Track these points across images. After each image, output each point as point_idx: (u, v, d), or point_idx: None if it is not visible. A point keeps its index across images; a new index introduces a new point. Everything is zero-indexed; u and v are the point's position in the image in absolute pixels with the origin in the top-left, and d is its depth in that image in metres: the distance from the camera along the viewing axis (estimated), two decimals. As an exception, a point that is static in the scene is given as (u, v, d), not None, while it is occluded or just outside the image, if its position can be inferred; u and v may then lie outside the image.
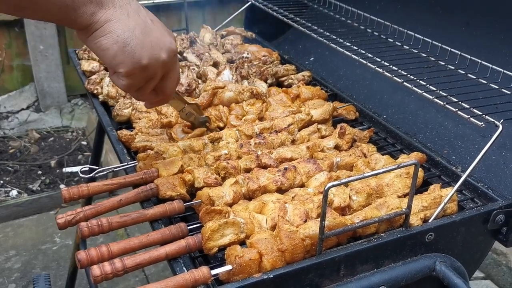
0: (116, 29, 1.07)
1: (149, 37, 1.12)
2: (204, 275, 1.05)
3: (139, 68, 1.13)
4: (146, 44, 1.11)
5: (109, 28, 1.07)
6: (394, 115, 1.84)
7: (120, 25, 1.07)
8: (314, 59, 2.37)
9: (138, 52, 1.10)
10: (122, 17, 1.07)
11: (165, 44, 1.16)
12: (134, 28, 1.09)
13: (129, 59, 1.10)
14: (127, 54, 1.09)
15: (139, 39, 1.09)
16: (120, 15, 1.07)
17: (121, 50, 1.09)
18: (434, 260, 1.22)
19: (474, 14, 1.85)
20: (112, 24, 1.06)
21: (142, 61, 1.12)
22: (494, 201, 1.34)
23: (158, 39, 1.14)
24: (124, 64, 1.11)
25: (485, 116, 1.34)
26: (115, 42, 1.08)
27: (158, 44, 1.14)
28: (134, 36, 1.09)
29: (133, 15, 1.09)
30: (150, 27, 1.13)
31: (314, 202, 1.26)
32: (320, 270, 1.13)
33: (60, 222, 1.22)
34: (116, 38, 1.07)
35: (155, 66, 1.15)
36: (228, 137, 1.57)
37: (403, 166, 1.15)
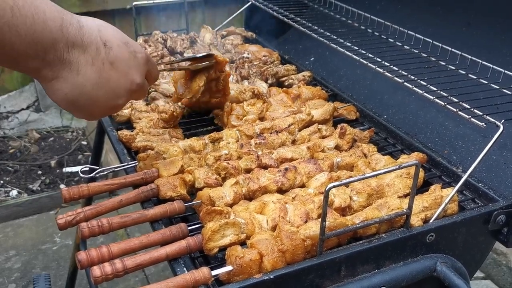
0: (63, 88, 1.01)
1: (103, 89, 1.06)
2: (204, 275, 1.05)
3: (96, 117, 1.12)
4: (99, 98, 1.07)
5: (56, 86, 1.01)
6: (395, 115, 1.84)
7: (67, 83, 1.01)
8: (315, 59, 2.37)
9: (89, 109, 1.07)
10: (70, 76, 1.00)
11: (123, 90, 1.11)
12: (84, 85, 1.03)
13: (81, 114, 1.09)
14: (79, 110, 1.08)
15: (89, 96, 1.05)
16: (68, 73, 1.00)
17: (72, 106, 1.06)
18: (435, 260, 1.22)
19: (475, 14, 1.85)
20: (59, 82, 1.00)
21: (95, 114, 1.11)
22: (495, 201, 1.33)
23: (114, 89, 1.09)
24: (81, 116, 1.10)
25: (486, 116, 1.34)
26: (64, 100, 1.04)
27: (114, 93, 1.09)
28: (83, 94, 1.03)
29: (84, 70, 1.02)
30: (105, 76, 1.06)
31: (315, 203, 1.26)
32: (320, 270, 1.13)
33: (60, 223, 1.21)
34: (64, 96, 1.03)
35: (113, 110, 1.14)
36: (228, 137, 1.57)
37: (404, 166, 1.15)
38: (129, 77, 1.11)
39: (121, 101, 1.12)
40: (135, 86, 1.13)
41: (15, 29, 0.88)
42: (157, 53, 2.17)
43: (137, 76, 1.13)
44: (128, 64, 1.11)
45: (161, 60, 2.15)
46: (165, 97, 1.88)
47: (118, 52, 1.08)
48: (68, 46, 0.98)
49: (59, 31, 0.96)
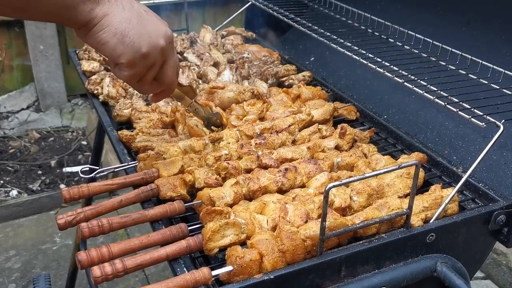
0: (113, 22, 1.10)
1: (146, 26, 1.15)
2: (204, 275, 1.05)
3: (140, 57, 1.16)
4: (144, 33, 1.14)
5: (106, 22, 1.10)
6: (395, 115, 1.84)
7: (116, 18, 1.10)
8: (315, 59, 2.36)
9: (137, 42, 1.13)
10: (118, 10, 1.11)
11: (162, 32, 1.19)
12: (130, 19, 1.12)
13: (129, 49, 1.13)
14: (126, 45, 1.13)
15: (136, 29, 1.13)
16: (116, 9, 1.10)
17: (120, 42, 1.12)
18: (435, 260, 1.22)
19: (475, 14, 1.85)
20: (109, 18, 1.09)
21: (142, 50, 1.15)
22: (495, 201, 1.33)
23: (155, 28, 1.18)
24: (125, 55, 1.14)
25: (486, 116, 1.34)
26: (114, 35, 1.11)
27: (155, 32, 1.17)
28: (131, 27, 1.12)
29: (128, 7, 1.12)
30: (145, 17, 1.16)
31: (315, 203, 1.26)
32: (321, 271, 1.13)
33: (60, 223, 1.21)
34: (114, 30, 1.10)
35: (154, 53, 1.18)
36: (228, 138, 1.57)
37: (404, 166, 1.15)
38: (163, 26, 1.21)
39: (162, 42, 1.19)
40: (170, 33, 1.22)
41: None
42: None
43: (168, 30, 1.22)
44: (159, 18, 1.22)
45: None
46: (165, 97, 1.88)
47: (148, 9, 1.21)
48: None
49: None
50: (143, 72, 1.21)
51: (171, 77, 1.30)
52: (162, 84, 1.30)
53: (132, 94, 1.90)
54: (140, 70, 1.20)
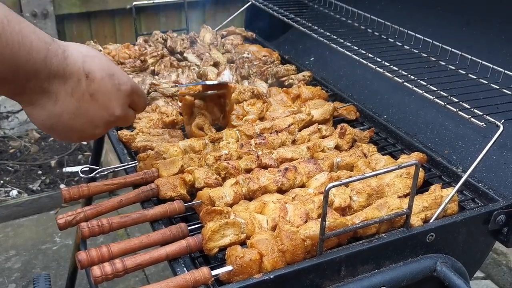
0: (40, 115, 1.03)
1: (80, 120, 1.08)
2: (204, 275, 1.05)
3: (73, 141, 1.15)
4: (76, 127, 1.08)
5: (33, 112, 1.03)
6: (395, 115, 1.84)
7: (44, 112, 1.03)
8: (315, 59, 2.36)
9: (66, 134, 1.10)
10: (48, 104, 1.02)
11: (101, 121, 1.12)
12: (61, 115, 1.04)
13: (59, 137, 1.12)
14: (56, 135, 1.10)
15: (66, 124, 1.06)
16: (46, 102, 1.02)
17: (49, 131, 1.08)
18: (435, 260, 1.22)
19: (475, 14, 1.85)
20: (37, 110, 1.02)
21: (72, 139, 1.13)
22: (495, 201, 1.33)
23: (92, 120, 1.10)
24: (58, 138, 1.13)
25: (485, 116, 1.34)
26: (41, 125, 1.06)
27: (92, 124, 1.11)
28: (60, 122, 1.06)
29: (62, 99, 1.03)
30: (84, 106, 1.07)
31: (315, 203, 1.26)
32: (320, 270, 1.13)
33: (60, 223, 1.22)
34: (41, 122, 1.05)
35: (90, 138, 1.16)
36: (228, 137, 1.57)
37: (404, 166, 1.15)
38: (109, 109, 1.12)
39: (99, 131, 1.14)
40: (113, 118, 1.14)
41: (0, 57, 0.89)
42: (157, 53, 2.17)
43: (117, 109, 1.14)
44: (109, 97, 1.11)
45: (161, 60, 2.15)
46: (165, 97, 1.88)
47: (100, 84, 1.08)
48: (49, 77, 0.99)
49: (42, 62, 0.96)
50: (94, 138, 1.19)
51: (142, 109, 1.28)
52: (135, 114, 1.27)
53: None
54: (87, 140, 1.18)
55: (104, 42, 2.29)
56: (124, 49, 2.18)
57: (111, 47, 2.22)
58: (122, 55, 2.15)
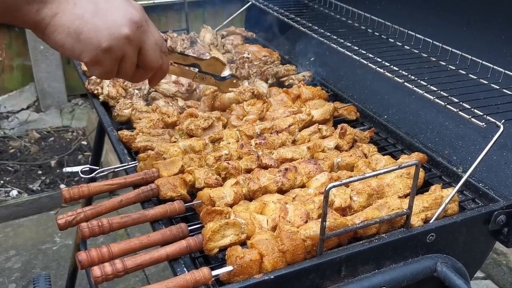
0: (64, 21, 1.02)
1: (103, 18, 1.05)
2: (204, 275, 1.05)
3: (102, 52, 1.06)
4: (101, 26, 1.05)
5: (57, 22, 1.02)
6: (395, 116, 1.84)
7: (67, 16, 1.02)
8: (315, 59, 2.36)
9: (94, 37, 1.04)
10: (68, 8, 1.03)
11: (124, 19, 1.08)
12: (83, 15, 1.03)
13: (88, 47, 1.05)
14: (83, 42, 1.04)
15: (91, 23, 1.04)
16: (66, 6, 1.03)
17: (76, 40, 1.04)
18: (435, 260, 1.22)
19: (475, 14, 1.85)
20: (59, 17, 1.02)
21: (102, 44, 1.05)
22: (495, 201, 1.33)
23: (115, 17, 1.07)
24: (85, 53, 1.06)
25: (486, 116, 1.34)
26: (68, 34, 1.03)
27: (116, 21, 1.07)
28: (84, 23, 1.03)
29: (79, 2, 1.04)
30: (102, 7, 1.06)
31: (315, 203, 1.26)
32: (321, 271, 1.13)
33: (60, 223, 1.22)
34: (67, 30, 1.03)
35: (118, 45, 1.08)
36: (228, 138, 1.57)
37: (404, 166, 1.15)
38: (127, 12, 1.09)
39: (126, 30, 1.08)
40: (136, 18, 1.10)
41: None
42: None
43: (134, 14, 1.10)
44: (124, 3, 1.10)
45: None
46: (165, 97, 1.88)
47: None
48: None
49: None
50: (114, 67, 1.11)
51: (155, 60, 1.17)
52: (149, 70, 1.19)
53: (132, 94, 1.90)
54: (109, 65, 1.10)
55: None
56: (124, 49, 2.17)
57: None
58: (122, 55, 2.14)
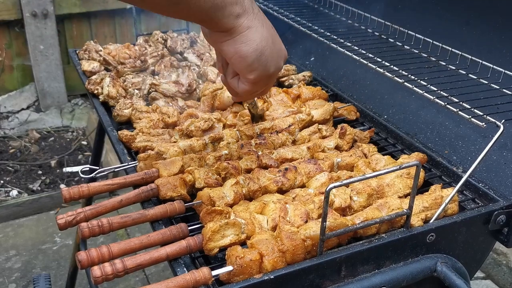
0: (256, 38, 1.10)
1: (275, 47, 1.16)
2: (204, 275, 1.05)
3: (266, 76, 1.17)
4: (274, 54, 1.16)
5: (250, 35, 1.09)
6: (395, 115, 1.84)
7: (258, 34, 1.10)
8: (315, 59, 2.36)
9: (269, 62, 1.15)
10: (259, 26, 1.11)
11: (283, 53, 1.20)
12: (268, 38, 1.13)
13: (262, 67, 1.14)
14: (261, 63, 1.13)
15: (271, 49, 1.14)
16: (258, 24, 1.10)
17: (258, 59, 1.12)
18: (435, 260, 1.22)
19: (475, 13, 1.84)
20: (253, 32, 1.09)
21: (270, 70, 1.16)
22: (495, 201, 1.33)
23: (280, 48, 1.19)
24: (256, 72, 1.14)
25: (486, 116, 1.34)
26: (254, 51, 1.11)
27: (280, 53, 1.19)
28: (268, 46, 1.12)
29: (264, 24, 1.13)
30: (274, 36, 1.17)
31: (315, 203, 1.26)
32: (321, 271, 1.13)
33: (60, 223, 1.22)
34: (255, 46, 1.10)
35: (276, 74, 1.20)
36: (228, 137, 1.57)
37: (404, 167, 1.14)
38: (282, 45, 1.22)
39: (282, 64, 1.21)
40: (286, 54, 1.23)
41: None
42: (157, 53, 2.17)
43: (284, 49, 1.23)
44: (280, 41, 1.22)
45: (161, 60, 2.15)
46: (165, 97, 1.88)
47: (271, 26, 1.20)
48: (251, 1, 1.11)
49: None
50: (258, 89, 1.22)
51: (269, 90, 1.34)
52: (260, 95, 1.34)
53: (132, 94, 1.90)
54: (259, 88, 1.21)
55: (104, 42, 2.29)
56: (124, 49, 2.18)
57: (111, 47, 2.22)
58: (122, 55, 2.15)
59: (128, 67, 2.07)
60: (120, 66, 2.08)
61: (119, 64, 2.11)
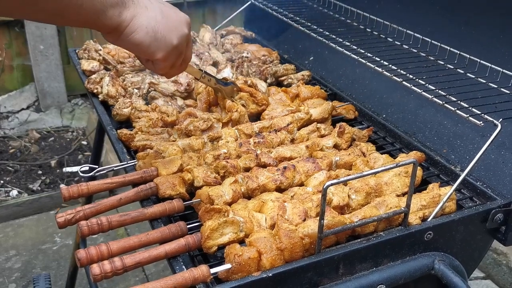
0: (142, 22, 1.15)
1: (170, 19, 1.21)
2: (203, 273, 1.06)
3: (172, 49, 1.23)
4: (171, 26, 1.21)
5: (136, 23, 1.15)
6: (393, 114, 1.84)
7: (144, 18, 1.16)
8: (314, 58, 2.37)
9: (167, 36, 1.20)
10: (142, 11, 1.16)
11: (184, 20, 1.26)
12: (156, 16, 1.18)
13: (162, 44, 1.20)
14: (159, 41, 1.19)
15: (163, 24, 1.19)
16: (141, 10, 1.16)
17: (154, 39, 1.18)
18: (432, 258, 1.22)
19: (473, 13, 1.85)
20: (138, 19, 1.15)
21: (173, 42, 1.22)
22: (493, 200, 1.34)
23: (177, 18, 1.24)
24: (160, 50, 1.21)
25: (484, 115, 1.34)
26: (146, 34, 1.16)
27: (179, 21, 1.24)
28: (159, 23, 1.18)
29: (149, 6, 1.18)
30: (165, 10, 1.21)
31: (313, 201, 1.27)
32: (319, 268, 1.13)
33: (60, 221, 1.22)
34: (145, 30, 1.16)
35: (182, 42, 1.26)
36: (227, 136, 1.57)
37: (401, 164, 1.15)
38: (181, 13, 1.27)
39: (186, 30, 1.26)
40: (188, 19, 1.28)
41: None
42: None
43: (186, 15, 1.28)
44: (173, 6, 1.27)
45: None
46: (164, 96, 1.89)
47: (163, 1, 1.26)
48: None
49: None
50: (177, 61, 1.28)
51: (190, 56, 1.37)
52: (184, 64, 1.35)
53: (131, 93, 1.91)
54: (173, 60, 1.26)
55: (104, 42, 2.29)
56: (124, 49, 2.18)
57: (111, 46, 2.23)
58: (122, 55, 2.15)
59: (127, 66, 2.08)
60: (120, 66, 2.08)
61: (119, 63, 2.12)
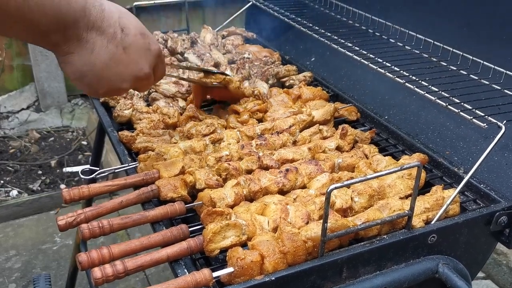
0: (75, 62, 1.08)
1: (111, 71, 1.13)
2: (205, 277, 1.05)
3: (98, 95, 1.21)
4: (105, 78, 1.13)
5: (69, 60, 1.08)
6: (396, 116, 1.83)
7: (80, 59, 1.08)
8: (315, 59, 2.36)
9: (94, 85, 1.14)
10: (84, 53, 1.08)
11: (130, 75, 1.16)
12: (95, 64, 1.10)
13: (86, 88, 1.15)
14: (84, 85, 1.14)
15: (97, 74, 1.11)
16: (82, 51, 1.07)
17: (79, 80, 1.12)
18: (436, 262, 1.22)
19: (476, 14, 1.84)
20: (73, 57, 1.07)
21: (99, 91, 1.16)
22: (497, 202, 1.33)
23: (122, 72, 1.15)
24: (84, 90, 1.17)
25: (487, 117, 1.34)
26: (73, 73, 1.10)
27: (121, 76, 1.15)
28: (92, 72, 1.10)
29: (98, 49, 1.08)
30: (115, 59, 1.12)
31: (316, 204, 1.26)
32: (322, 272, 1.12)
33: (61, 224, 1.21)
34: (74, 69, 1.09)
35: (115, 92, 1.20)
36: (229, 138, 1.57)
37: (406, 168, 1.14)
38: (139, 65, 1.17)
39: (125, 85, 1.18)
40: (142, 74, 1.19)
41: (42, 8, 0.95)
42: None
43: (146, 66, 1.19)
44: (140, 53, 1.17)
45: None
46: (165, 97, 1.88)
47: (133, 40, 1.14)
48: (88, 26, 1.05)
49: (81, 12, 1.03)
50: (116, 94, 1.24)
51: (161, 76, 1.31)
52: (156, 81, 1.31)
53: (132, 94, 1.90)
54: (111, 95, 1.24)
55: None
56: (124, 50, 2.17)
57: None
58: (123, 56, 2.14)
59: (128, 68, 2.06)
60: (121, 67, 2.07)
61: (120, 64, 2.11)
